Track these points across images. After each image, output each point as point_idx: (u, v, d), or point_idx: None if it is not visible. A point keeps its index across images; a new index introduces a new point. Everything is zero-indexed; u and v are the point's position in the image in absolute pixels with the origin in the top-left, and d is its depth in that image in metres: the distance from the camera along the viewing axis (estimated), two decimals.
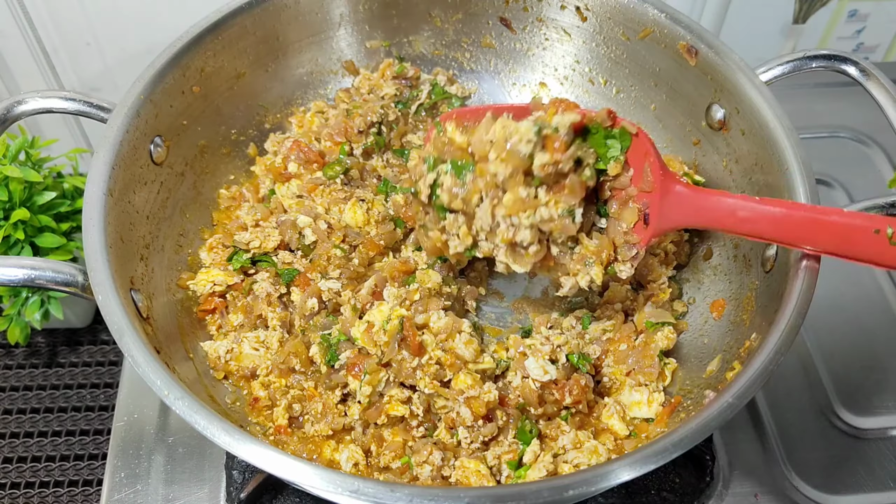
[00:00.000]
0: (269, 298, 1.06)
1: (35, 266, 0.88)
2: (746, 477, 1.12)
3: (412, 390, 0.97)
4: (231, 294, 1.09)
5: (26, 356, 1.43)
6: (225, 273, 1.08)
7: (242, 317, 1.07)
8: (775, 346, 0.85)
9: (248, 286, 1.08)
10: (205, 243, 1.13)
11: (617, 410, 0.99)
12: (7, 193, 1.21)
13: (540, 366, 0.97)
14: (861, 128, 1.55)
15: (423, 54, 1.34)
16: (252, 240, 1.10)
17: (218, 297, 1.09)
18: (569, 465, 0.92)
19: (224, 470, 1.08)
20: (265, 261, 1.11)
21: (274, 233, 1.11)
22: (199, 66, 1.12)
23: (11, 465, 1.30)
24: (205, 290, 1.08)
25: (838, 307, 1.31)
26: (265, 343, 1.03)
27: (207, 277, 1.08)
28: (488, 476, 0.91)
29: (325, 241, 1.10)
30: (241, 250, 1.10)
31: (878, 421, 1.19)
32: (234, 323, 1.07)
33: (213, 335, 1.07)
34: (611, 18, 1.21)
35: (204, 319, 1.08)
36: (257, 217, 1.13)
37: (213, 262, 1.10)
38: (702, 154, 1.17)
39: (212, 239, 1.12)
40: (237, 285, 1.09)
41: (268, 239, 1.10)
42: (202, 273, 1.09)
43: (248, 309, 1.07)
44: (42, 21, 1.40)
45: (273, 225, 1.12)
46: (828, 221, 0.83)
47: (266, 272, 1.09)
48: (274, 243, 1.10)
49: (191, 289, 1.08)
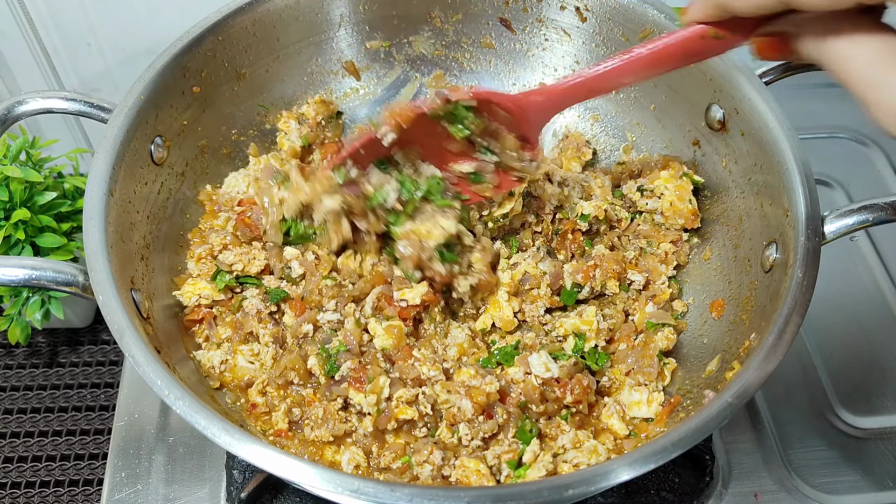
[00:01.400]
0: (259, 315, 1.04)
1: (36, 266, 0.88)
2: (746, 477, 1.12)
3: (419, 386, 0.97)
4: (218, 309, 1.06)
5: (27, 356, 1.44)
6: (212, 288, 1.05)
7: (231, 331, 1.04)
8: (775, 346, 0.85)
9: (238, 303, 1.06)
10: (192, 251, 1.10)
11: (617, 410, 0.99)
12: (8, 193, 1.21)
13: (543, 362, 0.98)
14: (861, 128, 1.55)
15: (423, 54, 1.34)
16: (235, 262, 1.07)
17: (205, 307, 1.06)
18: (568, 465, 0.92)
19: (224, 470, 1.08)
20: (250, 282, 1.08)
21: (259, 255, 1.08)
22: (200, 66, 1.12)
23: (11, 465, 1.30)
24: (191, 303, 1.05)
25: (838, 307, 1.31)
26: (260, 357, 1.02)
27: (194, 290, 1.05)
28: (488, 476, 0.91)
29: (313, 275, 1.06)
30: (223, 271, 1.07)
31: (878, 421, 1.19)
32: (223, 336, 1.04)
33: (200, 345, 1.05)
34: (610, 19, 1.21)
35: (191, 329, 1.06)
36: (226, 241, 1.09)
37: (201, 273, 1.08)
38: (701, 154, 1.17)
39: (200, 249, 1.09)
40: (224, 301, 1.06)
41: (251, 263, 1.07)
42: (189, 284, 1.06)
43: (237, 325, 1.04)
44: (42, 21, 1.41)
45: (258, 248, 1.09)
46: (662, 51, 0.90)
47: (256, 289, 1.07)
48: (258, 268, 1.07)
49: (177, 298, 1.05)
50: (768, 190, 1.02)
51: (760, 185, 1.04)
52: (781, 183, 0.99)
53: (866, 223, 0.94)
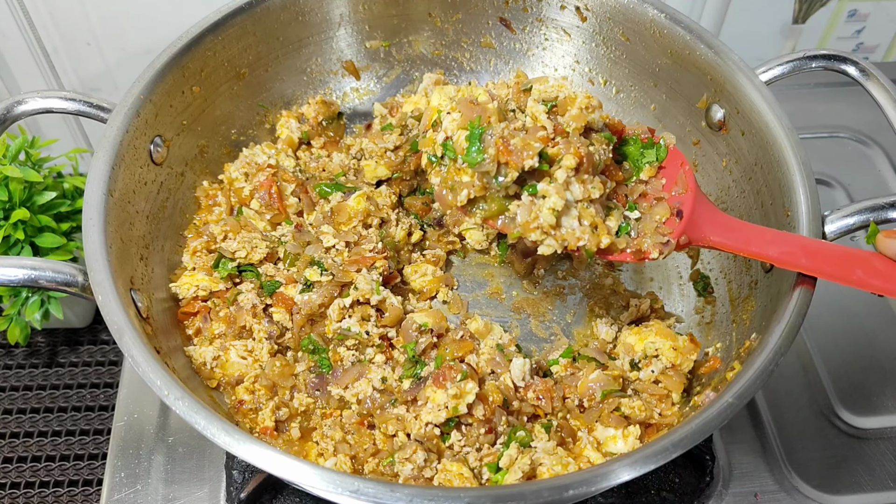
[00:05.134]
0: (254, 310, 1.04)
1: (35, 266, 0.88)
2: (746, 477, 1.12)
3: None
4: (213, 301, 1.07)
5: (26, 356, 1.43)
6: (210, 279, 1.06)
7: (224, 326, 1.04)
8: (775, 346, 0.85)
9: (234, 296, 1.06)
10: (188, 245, 1.11)
11: (590, 442, 0.98)
12: (7, 193, 1.21)
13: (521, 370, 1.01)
14: (861, 128, 1.55)
15: (423, 54, 1.34)
16: (238, 249, 1.08)
17: (201, 301, 1.06)
18: (546, 469, 0.91)
19: (224, 470, 1.08)
20: (250, 270, 1.09)
21: (261, 244, 1.09)
22: (199, 66, 1.12)
23: (11, 465, 1.30)
24: (188, 294, 1.05)
25: (838, 307, 1.31)
26: (253, 353, 1.02)
27: (192, 281, 1.06)
28: (471, 478, 0.91)
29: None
30: (226, 258, 1.08)
31: (878, 421, 1.19)
32: (216, 331, 1.04)
33: (192, 339, 1.05)
34: (611, 19, 1.21)
35: (183, 322, 1.06)
36: (227, 229, 1.11)
37: (197, 266, 1.08)
38: (702, 154, 1.17)
39: (196, 242, 1.10)
40: (220, 293, 1.07)
41: (254, 251, 1.09)
42: (186, 276, 1.07)
43: (230, 319, 1.04)
44: (42, 21, 1.40)
45: (259, 237, 1.10)
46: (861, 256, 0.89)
47: (251, 283, 1.08)
48: (260, 255, 1.09)
49: (173, 290, 1.06)
50: (769, 189, 1.02)
51: (761, 184, 1.04)
52: (782, 182, 0.99)
53: (867, 223, 0.94)
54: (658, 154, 1.01)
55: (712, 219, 0.96)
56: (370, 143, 1.21)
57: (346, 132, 1.31)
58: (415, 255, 1.19)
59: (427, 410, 0.94)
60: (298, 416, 1.00)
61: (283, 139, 1.25)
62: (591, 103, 0.97)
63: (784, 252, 0.90)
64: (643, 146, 1.02)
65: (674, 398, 1.01)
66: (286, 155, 1.24)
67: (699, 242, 0.96)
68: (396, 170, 1.19)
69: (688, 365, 1.02)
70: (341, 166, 1.23)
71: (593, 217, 0.93)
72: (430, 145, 0.98)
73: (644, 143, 1.02)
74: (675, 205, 0.97)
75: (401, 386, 0.99)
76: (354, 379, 1.00)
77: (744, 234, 0.94)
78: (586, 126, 0.96)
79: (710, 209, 0.97)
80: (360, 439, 0.96)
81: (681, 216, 0.96)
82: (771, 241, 0.92)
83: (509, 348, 1.05)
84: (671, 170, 1.00)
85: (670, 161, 1.00)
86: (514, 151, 0.91)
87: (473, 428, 0.95)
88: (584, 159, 0.92)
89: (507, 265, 1.21)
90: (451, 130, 0.96)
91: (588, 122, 0.96)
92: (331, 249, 1.10)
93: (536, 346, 1.14)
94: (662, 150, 1.01)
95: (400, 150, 1.20)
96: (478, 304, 1.18)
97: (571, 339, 1.14)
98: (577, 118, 0.95)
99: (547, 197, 0.91)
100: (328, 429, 0.98)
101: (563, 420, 1.00)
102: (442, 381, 0.95)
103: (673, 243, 0.95)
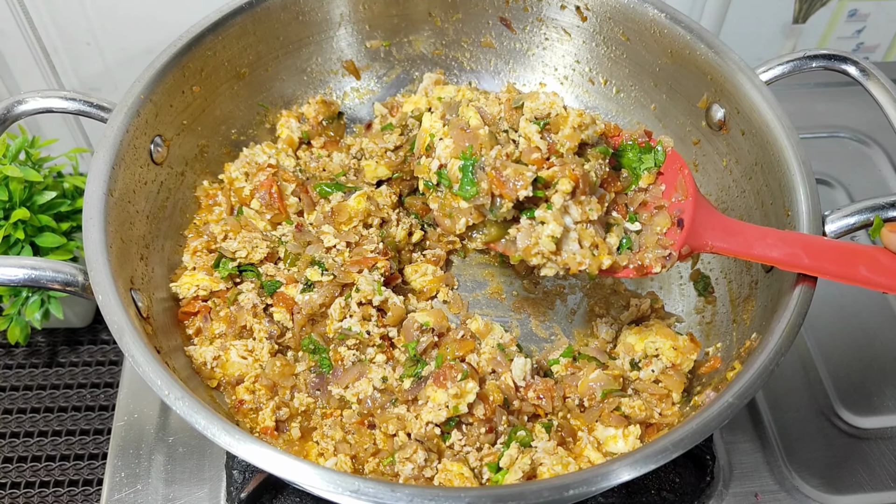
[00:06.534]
0: (254, 310, 1.04)
1: (35, 266, 0.88)
2: (746, 477, 1.12)
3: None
4: (214, 301, 1.07)
5: (26, 356, 1.43)
6: (211, 279, 1.06)
7: (224, 326, 1.04)
8: (775, 345, 0.85)
9: (234, 296, 1.06)
10: (188, 245, 1.11)
11: (591, 441, 0.98)
12: (7, 193, 1.21)
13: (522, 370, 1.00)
14: (861, 128, 1.55)
15: (423, 54, 1.34)
16: (238, 249, 1.08)
17: (201, 300, 1.06)
18: (547, 469, 0.92)
19: (224, 470, 1.08)
20: (250, 270, 1.09)
21: (261, 244, 1.09)
22: (199, 65, 1.12)
23: (11, 465, 1.30)
24: (188, 294, 1.05)
25: (838, 307, 1.31)
26: (254, 353, 1.02)
27: (192, 281, 1.05)
28: (471, 478, 0.91)
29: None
30: (226, 258, 1.08)
31: (878, 421, 1.19)
32: (216, 331, 1.04)
33: (192, 339, 1.04)
34: (611, 18, 1.21)
35: (183, 322, 1.06)
36: (227, 229, 1.11)
37: (197, 265, 1.08)
38: (702, 154, 1.17)
39: (196, 242, 1.10)
40: (221, 293, 1.07)
41: (255, 250, 1.09)
42: (186, 276, 1.07)
43: (231, 319, 1.04)
44: (42, 21, 1.40)
45: (259, 237, 1.10)
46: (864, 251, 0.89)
47: (251, 282, 1.08)
48: (261, 255, 1.09)
49: (173, 290, 1.06)
50: (769, 189, 1.02)
51: (761, 184, 1.04)
52: (782, 182, 0.99)
53: (867, 223, 0.94)
54: (656, 159, 1.00)
55: (713, 223, 0.96)
56: (370, 143, 1.21)
57: (347, 132, 1.31)
58: (415, 254, 1.19)
59: (428, 410, 0.94)
60: (299, 415, 1.00)
61: (284, 139, 1.26)
62: (583, 121, 0.95)
63: (786, 254, 0.90)
64: (641, 151, 1.01)
65: (674, 398, 1.01)
66: (286, 155, 1.25)
67: (701, 249, 0.95)
68: (397, 169, 1.19)
69: (688, 365, 1.02)
70: (341, 166, 1.24)
71: (593, 237, 0.93)
72: (426, 172, 0.99)
73: (641, 148, 1.01)
74: (676, 213, 0.97)
75: (401, 385, 0.99)
76: (355, 378, 1.00)
77: (745, 236, 0.94)
78: (581, 143, 0.95)
79: (711, 213, 0.97)
80: (361, 439, 0.96)
81: (682, 225, 0.95)
82: (773, 243, 0.91)
83: (510, 348, 1.05)
84: (670, 174, 1.00)
85: (669, 165, 1.00)
86: (507, 182, 0.91)
87: (474, 427, 0.95)
88: (580, 181, 0.92)
89: (508, 265, 1.21)
90: (444, 158, 0.96)
91: (582, 139, 0.95)
92: (331, 249, 1.10)
93: (537, 345, 1.14)
94: (660, 155, 1.00)
95: (400, 149, 1.20)
96: (478, 303, 1.18)
97: (572, 338, 1.14)
98: (570, 137, 0.94)
99: (545, 224, 0.92)
100: (328, 428, 0.98)
101: (563, 420, 1.00)
102: (443, 380, 0.95)
103: (675, 256, 0.95)
